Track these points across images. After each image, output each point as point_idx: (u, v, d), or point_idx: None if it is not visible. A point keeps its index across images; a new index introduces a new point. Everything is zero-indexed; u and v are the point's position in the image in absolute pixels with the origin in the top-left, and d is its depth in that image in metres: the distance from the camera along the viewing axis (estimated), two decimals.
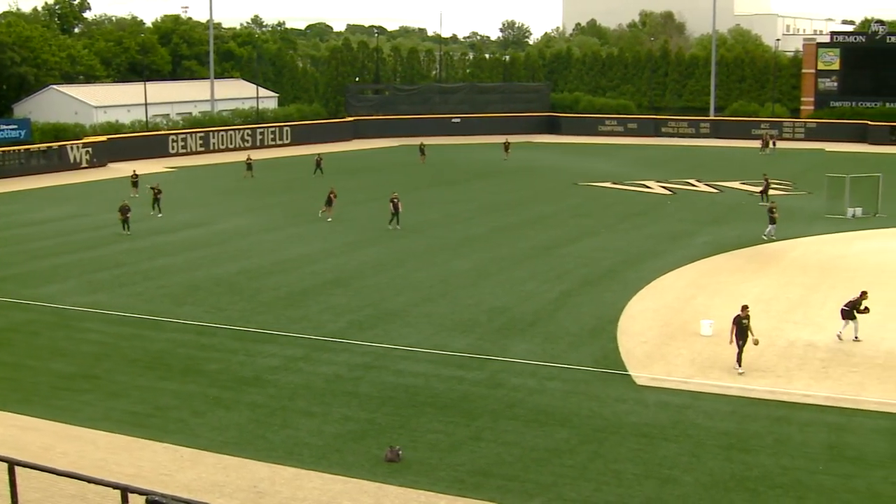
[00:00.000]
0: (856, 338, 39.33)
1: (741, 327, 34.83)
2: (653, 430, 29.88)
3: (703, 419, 30.84)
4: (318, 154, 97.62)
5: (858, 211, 69.62)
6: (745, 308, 35.23)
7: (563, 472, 26.75)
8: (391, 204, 64.03)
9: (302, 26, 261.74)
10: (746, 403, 32.39)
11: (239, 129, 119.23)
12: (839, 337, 39.53)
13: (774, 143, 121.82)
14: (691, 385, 34.05)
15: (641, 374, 35.18)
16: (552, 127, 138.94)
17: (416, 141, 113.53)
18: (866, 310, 39.73)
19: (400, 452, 27.38)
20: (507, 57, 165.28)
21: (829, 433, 29.89)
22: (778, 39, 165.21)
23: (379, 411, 31.34)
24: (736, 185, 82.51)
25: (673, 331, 40.61)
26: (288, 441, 28.91)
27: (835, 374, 35.42)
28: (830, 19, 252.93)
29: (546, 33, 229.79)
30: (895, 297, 45.33)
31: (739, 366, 34.93)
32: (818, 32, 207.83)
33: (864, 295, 40.13)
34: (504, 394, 32.99)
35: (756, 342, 34.92)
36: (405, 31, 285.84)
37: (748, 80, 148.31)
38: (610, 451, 28.19)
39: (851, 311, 39.58)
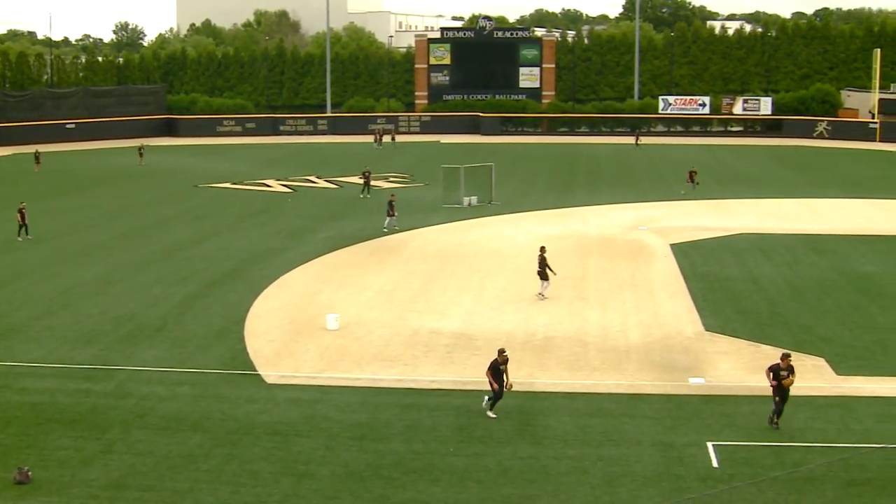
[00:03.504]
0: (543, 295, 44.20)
1: (498, 372, 30.58)
2: (286, 427, 29.99)
3: (334, 412, 31.19)
4: None
5: (474, 199, 72.22)
6: (502, 352, 30.87)
7: (199, 478, 26.48)
8: (19, 215, 61.21)
9: None
10: (376, 393, 33.00)
11: None
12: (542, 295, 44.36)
13: (394, 137, 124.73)
14: (321, 380, 34.38)
15: (271, 372, 35.21)
16: (170, 129, 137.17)
17: (31, 149, 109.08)
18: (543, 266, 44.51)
19: (29, 473, 26.31)
20: (121, 59, 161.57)
21: (457, 416, 30.85)
22: (391, 36, 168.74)
23: (4, 432, 29.98)
24: (355, 179, 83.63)
25: (300, 327, 40.86)
26: None
27: (459, 358, 36.58)
28: (441, 15, 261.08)
29: (160, 34, 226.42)
30: (510, 282, 47.24)
31: (491, 409, 30.75)
32: (429, 28, 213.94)
33: (542, 250, 44.91)
34: (134, 403, 32.30)
35: (510, 387, 30.77)
36: (13, 35, 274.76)
37: (363, 77, 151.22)
38: (245, 452, 28.10)
39: (543, 270, 44.36)
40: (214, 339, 39.49)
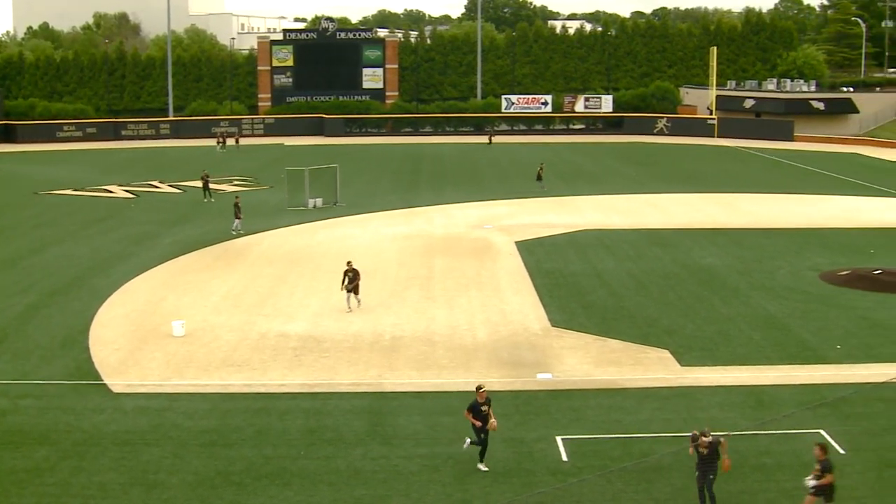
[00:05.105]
0: (350, 309, 43.24)
1: (478, 412, 27.20)
2: (134, 436, 29.56)
3: (183, 419, 30.87)
4: None
5: (319, 201, 72.09)
6: (480, 390, 27.62)
7: (45, 492, 25.95)
8: None
9: None
10: (225, 399, 32.74)
11: None
12: (356, 307, 43.48)
13: (238, 141, 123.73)
14: (168, 387, 33.97)
15: (117, 381, 34.63)
16: (7, 135, 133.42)
17: None
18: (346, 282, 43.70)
19: None
20: None
21: (307, 419, 30.81)
22: (233, 38, 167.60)
23: None
24: (198, 184, 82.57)
25: (145, 334, 40.27)
26: None
27: (307, 361, 36.49)
28: (283, 17, 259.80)
29: None
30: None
31: (482, 462, 27.19)
32: (272, 30, 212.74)
33: (349, 264, 44.08)
34: None
35: (493, 427, 27.15)
36: None
37: (206, 80, 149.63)
38: (92, 464, 27.63)
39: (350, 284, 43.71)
40: (58, 349, 38.67)
